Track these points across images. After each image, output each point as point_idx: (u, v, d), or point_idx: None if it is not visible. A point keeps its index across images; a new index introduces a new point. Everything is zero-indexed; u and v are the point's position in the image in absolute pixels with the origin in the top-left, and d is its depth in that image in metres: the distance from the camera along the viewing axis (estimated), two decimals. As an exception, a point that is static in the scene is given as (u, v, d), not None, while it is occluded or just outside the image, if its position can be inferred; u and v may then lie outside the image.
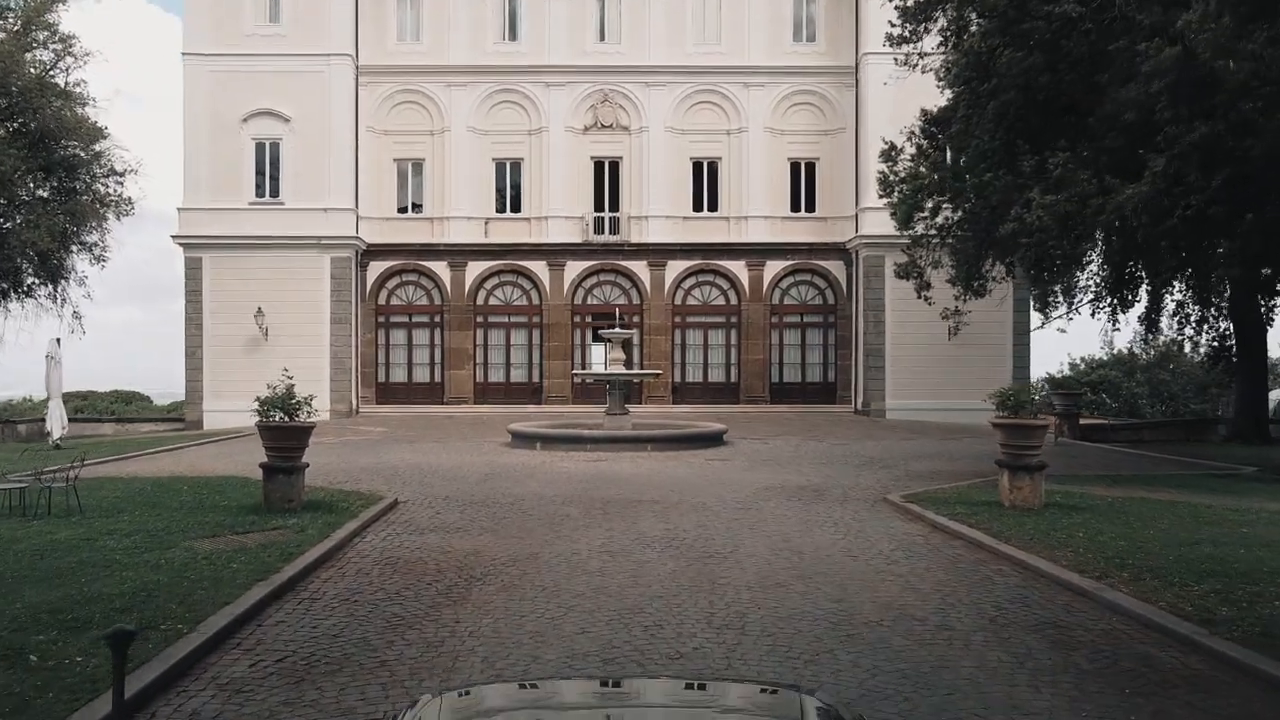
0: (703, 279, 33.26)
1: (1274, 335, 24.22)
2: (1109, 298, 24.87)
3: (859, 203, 32.18)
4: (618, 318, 26.38)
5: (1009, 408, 12.19)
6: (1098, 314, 25.75)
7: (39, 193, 28.65)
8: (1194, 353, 35.02)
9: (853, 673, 6.32)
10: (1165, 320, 26.19)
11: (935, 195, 16.99)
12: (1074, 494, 13.33)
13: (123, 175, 29.60)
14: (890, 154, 18.62)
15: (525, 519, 12.17)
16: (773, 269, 33.05)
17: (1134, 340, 37.95)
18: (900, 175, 18.16)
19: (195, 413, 31.49)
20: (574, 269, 32.79)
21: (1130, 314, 26.10)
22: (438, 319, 33.00)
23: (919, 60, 18.32)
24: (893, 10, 18.90)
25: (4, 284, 28.56)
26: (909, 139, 18.87)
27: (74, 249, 29.40)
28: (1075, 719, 5.58)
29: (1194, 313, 25.52)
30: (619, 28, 33.16)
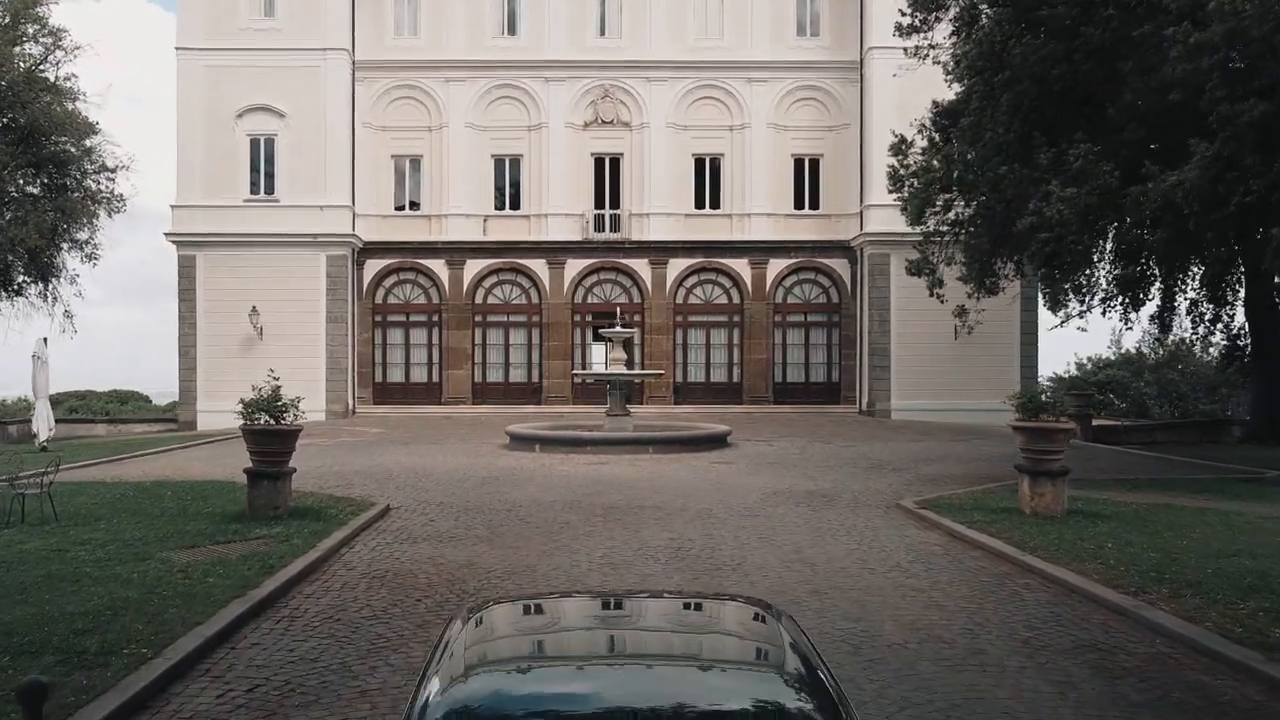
0: (705, 277, 32.74)
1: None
2: (1120, 296, 24.28)
3: (864, 200, 31.64)
4: (619, 317, 25.78)
5: (1030, 410, 11.60)
6: (1109, 313, 25.17)
7: (29, 189, 28.09)
8: (1203, 352, 34.58)
9: (879, 704, 5.77)
10: (1176, 319, 25.62)
11: (948, 190, 16.39)
12: (1095, 500, 12.75)
13: (114, 171, 29.05)
14: (900, 147, 18.04)
15: (523, 527, 11.61)
16: (776, 267, 32.52)
17: (1142, 340, 37.43)
18: (911, 169, 17.57)
19: (189, 413, 30.97)
20: (574, 267, 32.26)
21: (1139, 313, 25.52)
22: (435, 318, 32.47)
23: (929, 51, 17.74)
24: (901, 0, 18.34)
25: (-6, 282, 28.02)
26: (919, 132, 18.30)
27: (64, 247, 28.83)
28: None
29: (1207, 311, 24.94)
30: (619, 22, 32.63)
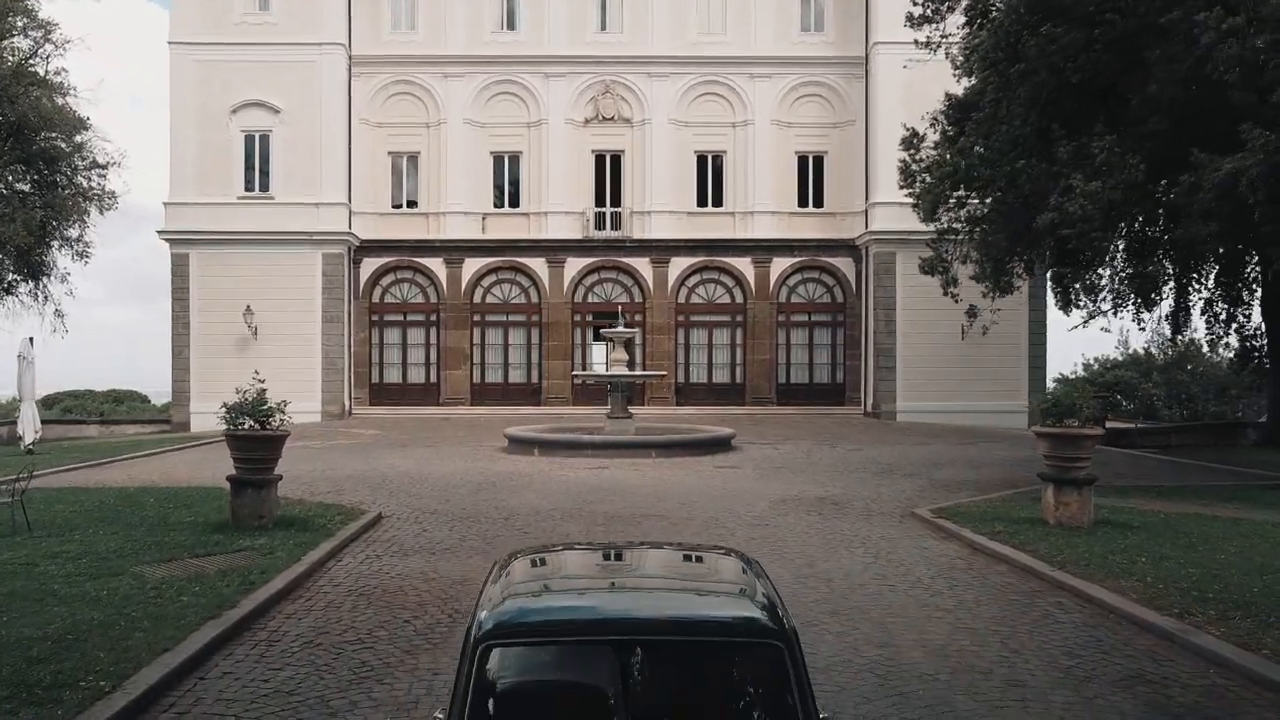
0: (707, 276, 32.22)
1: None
2: (1132, 296, 23.70)
3: (869, 197, 31.10)
4: (620, 316, 25.18)
5: (1057, 415, 10.98)
6: (1121, 313, 24.60)
7: (18, 186, 27.52)
8: (1214, 353, 33.97)
9: (913, 747, 5.21)
10: (1182, 319, 25.02)
11: (963, 185, 15.79)
12: (1121, 509, 12.15)
13: (105, 168, 28.54)
14: (912, 141, 17.45)
15: (520, 538, 11.03)
16: (779, 266, 32.01)
17: (1151, 340, 36.83)
18: (923, 164, 16.98)
19: (182, 414, 30.44)
20: (574, 266, 31.74)
21: (1151, 313, 24.94)
22: (433, 318, 31.95)
23: (941, 41, 17.16)
24: (906, -4, 17.77)
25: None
26: (932, 125, 17.71)
27: (55, 245, 28.25)
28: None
29: (1222, 311, 24.35)
30: (620, 17, 32.10)
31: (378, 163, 31.94)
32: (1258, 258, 21.15)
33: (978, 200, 16.36)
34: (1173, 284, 23.91)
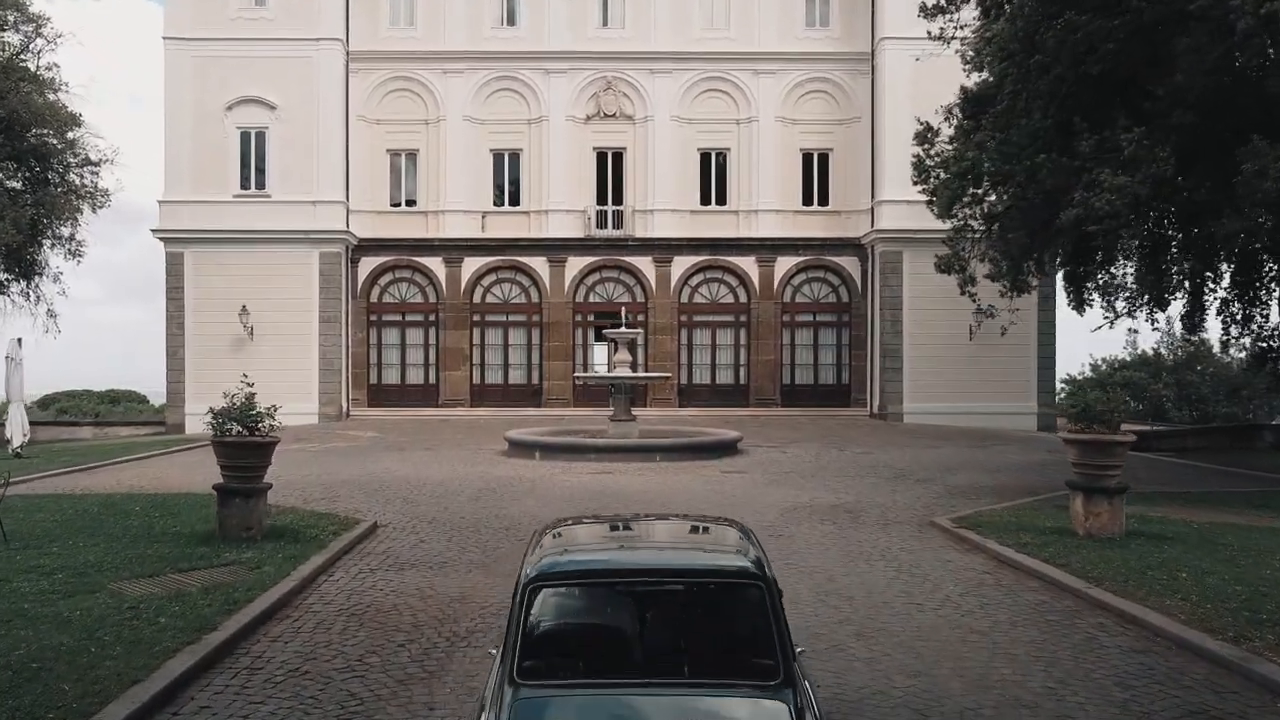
0: (710, 276, 31.72)
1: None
2: (1145, 295, 23.14)
3: (875, 195, 30.60)
4: (624, 316, 24.61)
5: (1086, 420, 10.43)
6: (1134, 313, 24.04)
7: (9, 183, 26.95)
8: (1224, 353, 33.41)
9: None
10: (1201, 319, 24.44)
11: (981, 180, 15.22)
12: (1150, 518, 11.60)
13: (98, 165, 27.88)
14: (926, 136, 16.90)
15: (522, 549, 10.49)
16: (784, 265, 31.52)
17: (1161, 340, 36.29)
18: (937, 159, 16.42)
19: (176, 416, 29.94)
20: (575, 265, 31.24)
21: (1165, 313, 24.37)
22: (432, 318, 31.46)
23: (956, 32, 16.60)
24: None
25: (-29, 280, 26.90)
26: (946, 119, 17.17)
27: (46, 243, 27.68)
28: None
29: (1239, 311, 23.75)
30: (622, 12, 31.60)
31: (376, 160, 31.43)
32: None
33: (994, 196, 15.81)
34: (1187, 284, 23.38)
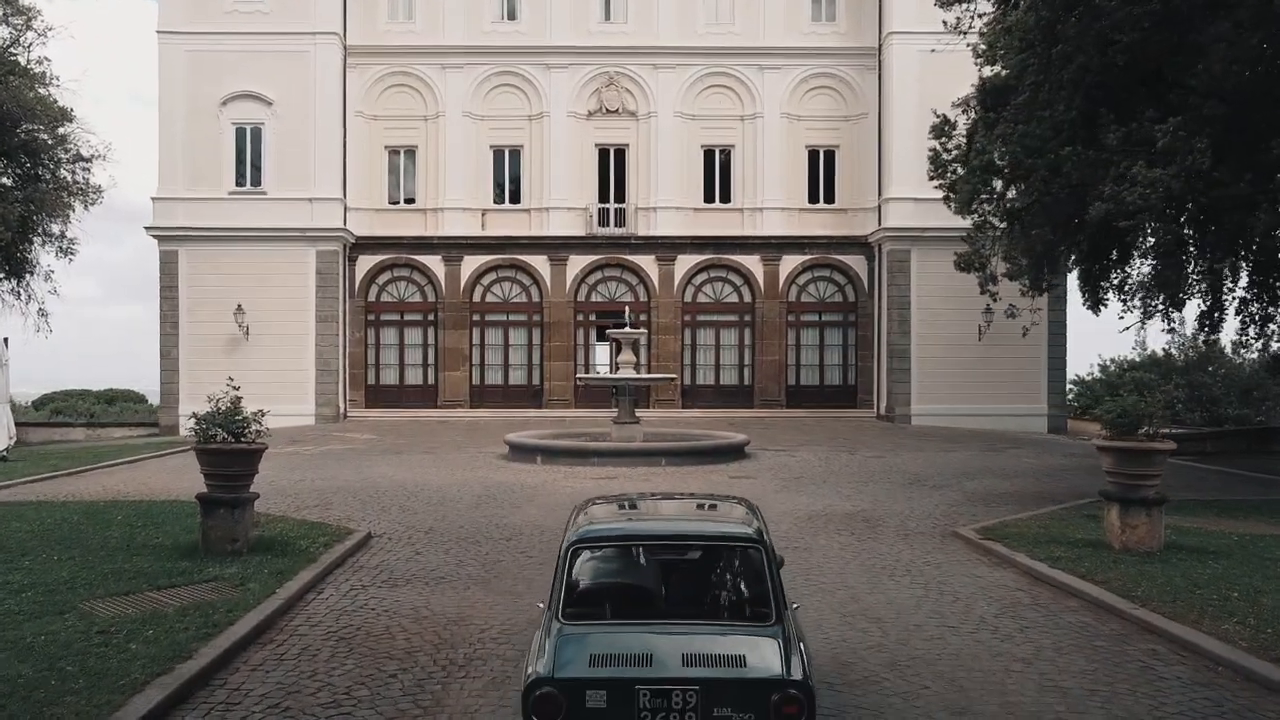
0: (714, 274, 31.18)
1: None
2: (1161, 295, 22.56)
3: (883, 193, 30.04)
4: (628, 316, 23.98)
5: (1124, 427, 9.83)
6: (1150, 312, 23.45)
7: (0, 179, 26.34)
8: (1236, 354, 32.78)
9: None
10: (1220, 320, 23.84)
11: (1000, 174, 14.62)
12: (1187, 529, 11.01)
13: (89, 161, 27.23)
14: (943, 129, 16.30)
15: (524, 563, 9.92)
16: (789, 264, 30.97)
17: (1171, 340, 35.63)
18: (956, 153, 15.82)
19: (170, 417, 29.37)
20: (577, 264, 30.68)
21: (1181, 313, 23.78)
22: (431, 317, 30.89)
23: (972, 22, 16.01)
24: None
25: (-41, 279, 26.27)
26: (964, 112, 16.58)
27: (36, 241, 27.06)
28: None
29: (1258, 311, 23.15)
30: (625, 6, 31.05)
31: (374, 157, 30.88)
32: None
33: (1014, 192, 15.22)
34: (1204, 283, 22.81)
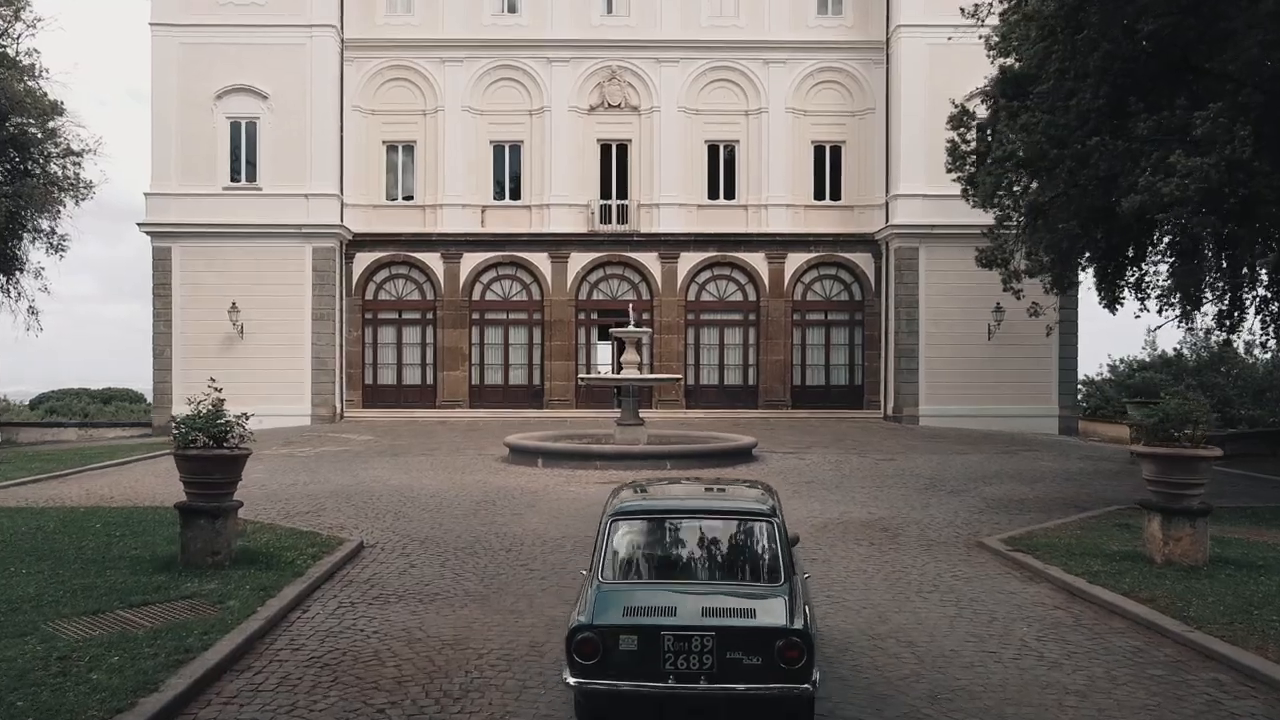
0: (718, 272, 30.59)
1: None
2: (1177, 294, 21.98)
3: (890, 189, 29.46)
4: (631, 314, 23.35)
5: (1164, 433, 9.20)
6: (1165, 311, 22.88)
7: (-12, 174, 25.72)
8: (1249, 354, 32.22)
9: None
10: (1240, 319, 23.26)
11: (1026, 166, 13.99)
12: (1229, 540, 10.39)
13: (80, 155, 26.62)
14: (961, 119, 15.70)
15: (525, 576, 9.31)
16: (794, 262, 30.39)
17: (1183, 340, 35.06)
18: (974, 144, 15.21)
19: (163, 418, 28.65)
20: (578, 261, 30.09)
21: (1197, 311, 23.20)
22: (430, 315, 30.31)
23: (991, 9, 15.41)
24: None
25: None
26: (983, 102, 15.96)
27: (25, 237, 26.46)
28: None
29: (1278, 310, 22.56)
30: (628, -1, 30.40)
31: (371, 152, 30.28)
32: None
33: (1037, 184, 14.60)
34: (1223, 283, 22.24)
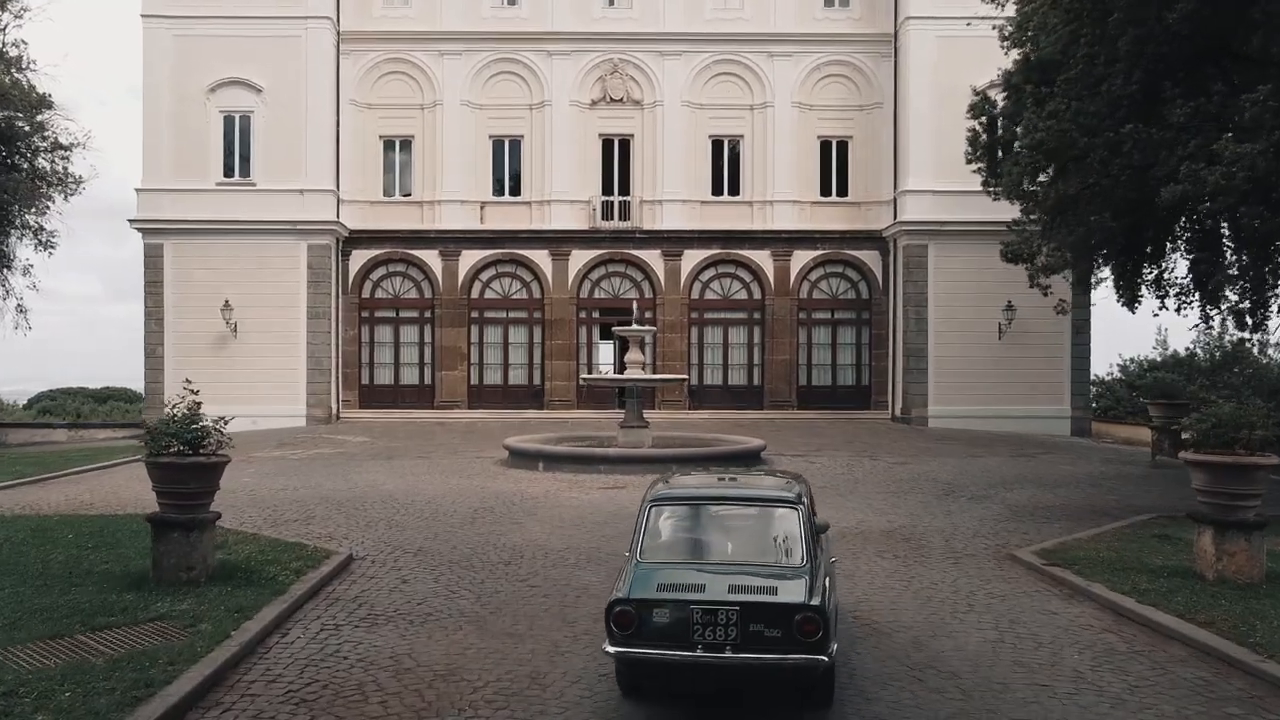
0: (723, 270, 29.96)
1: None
2: (1196, 291, 21.36)
3: (898, 185, 28.81)
4: (635, 313, 22.65)
5: (1219, 439, 8.49)
6: (1184, 309, 22.25)
7: (-29, 169, 25.05)
8: (1263, 354, 31.59)
9: None
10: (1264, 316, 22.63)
11: (1053, 156, 13.30)
12: (1278, 554, 9.74)
13: (69, 149, 25.95)
14: (982, 107, 15.03)
15: (525, 594, 8.63)
16: (800, 259, 29.77)
17: (1196, 340, 34.41)
18: (1001, 133, 14.54)
19: (155, 418, 27.96)
20: (579, 259, 29.46)
21: (1215, 308, 22.58)
22: (428, 314, 29.67)
23: (1009, -2, 14.76)
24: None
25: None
26: (1005, 90, 15.29)
27: (13, 233, 25.79)
28: None
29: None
30: (630, -9, 29.76)
31: (368, 147, 29.63)
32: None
33: (1065, 176, 13.92)
34: (1244, 280, 21.61)
